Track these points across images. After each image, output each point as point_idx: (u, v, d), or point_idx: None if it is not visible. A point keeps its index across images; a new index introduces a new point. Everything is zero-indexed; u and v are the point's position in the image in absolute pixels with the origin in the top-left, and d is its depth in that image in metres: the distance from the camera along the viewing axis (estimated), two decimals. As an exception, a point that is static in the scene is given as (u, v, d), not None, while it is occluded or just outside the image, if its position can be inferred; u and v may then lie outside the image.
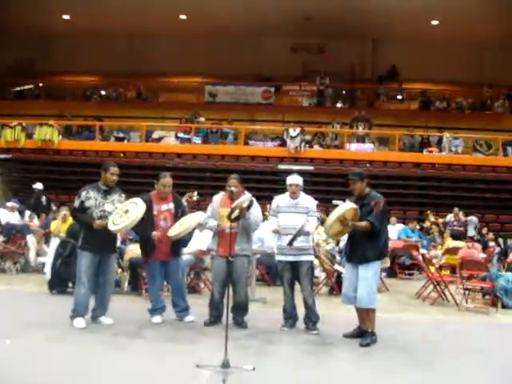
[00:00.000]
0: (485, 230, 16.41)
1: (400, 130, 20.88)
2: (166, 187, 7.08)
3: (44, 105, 23.52)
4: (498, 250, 14.71)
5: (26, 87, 24.84)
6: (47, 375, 4.83)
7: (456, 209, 16.46)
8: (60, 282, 9.15)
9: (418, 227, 15.51)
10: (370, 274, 6.39)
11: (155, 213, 6.98)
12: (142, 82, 24.49)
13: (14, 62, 23.91)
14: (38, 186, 16.74)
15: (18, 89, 24.72)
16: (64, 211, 10.86)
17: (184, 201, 9.73)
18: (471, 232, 16.26)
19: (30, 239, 11.98)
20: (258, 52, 23.14)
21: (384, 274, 11.45)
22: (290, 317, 7.05)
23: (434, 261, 11.07)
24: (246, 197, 6.55)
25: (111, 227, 6.57)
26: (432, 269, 10.23)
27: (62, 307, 7.14)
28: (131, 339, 6.24)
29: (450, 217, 16.55)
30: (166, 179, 7.09)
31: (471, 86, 23.12)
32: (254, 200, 6.67)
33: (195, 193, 10.84)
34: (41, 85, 24.91)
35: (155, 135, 21.11)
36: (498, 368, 5.71)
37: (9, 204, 14.61)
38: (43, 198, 16.48)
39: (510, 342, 7.08)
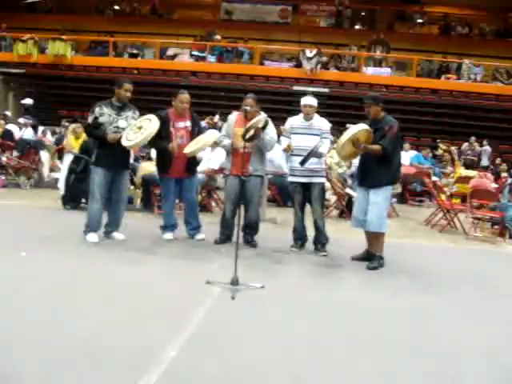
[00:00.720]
0: (498, 161, 16.32)
1: (419, 55, 20.46)
2: (184, 103, 7.02)
3: (56, 18, 23.12)
4: (510, 180, 14.64)
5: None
6: (60, 286, 4.95)
7: (473, 138, 16.32)
8: (73, 197, 9.26)
9: (430, 154, 15.44)
10: (380, 198, 6.40)
11: (172, 129, 6.95)
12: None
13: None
14: (28, 101, 16.66)
15: (30, 0, 24.23)
16: (74, 126, 10.87)
17: (205, 123, 9.72)
18: (485, 162, 16.18)
19: (44, 155, 12.05)
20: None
21: (394, 199, 11.49)
22: (299, 237, 7.13)
23: (446, 188, 11.05)
24: (262, 117, 6.49)
25: (124, 143, 6.57)
26: (443, 196, 10.23)
27: (76, 222, 7.25)
28: (143, 255, 6.34)
29: (464, 146, 16.44)
30: (184, 95, 7.03)
31: (495, 12, 22.36)
32: (270, 120, 6.61)
33: (216, 116, 10.71)
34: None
35: (170, 52, 20.87)
36: (500, 296, 5.79)
37: (21, 120, 14.63)
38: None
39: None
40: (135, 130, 6.60)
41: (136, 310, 4.47)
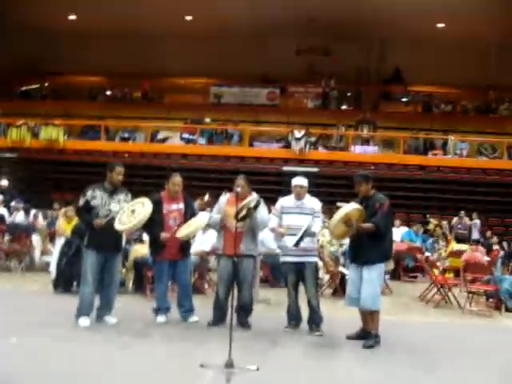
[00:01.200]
0: (489, 233, 16.42)
1: (405, 133, 20.90)
2: (177, 186, 7.12)
3: (50, 104, 23.61)
4: (502, 253, 14.71)
5: (32, 87, 24.91)
6: (51, 373, 4.85)
7: (462, 212, 16.48)
8: (65, 281, 9.19)
9: (421, 230, 15.52)
10: (374, 275, 6.40)
11: (165, 212, 7.02)
12: (148, 82, 24.53)
13: (19, 62, 23.98)
14: (3, 182, 16.81)
15: (24, 88, 24.80)
16: (65, 209, 10.92)
17: (197, 204, 9.79)
18: (475, 235, 16.27)
19: (35, 238, 12.03)
20: (263, 54, 23.15)
21: (388, 276, 11.47)
22: (293, 318, 7.07)
23: (438, 263, 11.07)
24: (254, 197, 6.58)
25: (118, 227, 6.60)
26: (436, 271, 10.23)
27: (67, 306, 7.15)
28: (136, 339, 6.26)
29: (455, 220, 16.57)
30: (177, 178, 7.15)
31: (476, 89, 23.04)
32: (262, 200, 6.68)
33: (206, 196, 10.83)
34: (46, 84, 24.97)
35: (160, 136, 21.20)
36: (500, 371, 5.72)
37: (13, 203, 14.68)
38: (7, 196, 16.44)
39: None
40: (128, 213, 6.64)
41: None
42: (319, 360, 5.81)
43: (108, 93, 25.18)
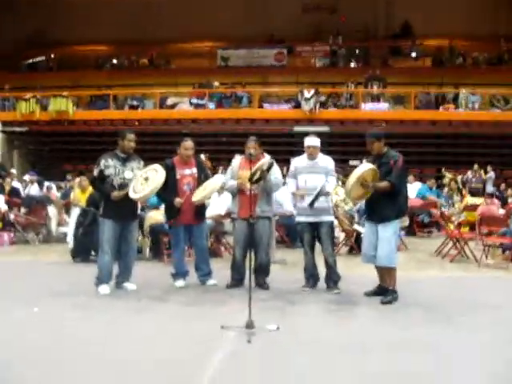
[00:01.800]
0: (503, 186, 16.32)
1: (415, 88, 20.66)
2: (189, 151, 7.12)
3: (56, 76, 23.54)
4: (517, 205, 14.63)
5: (38, 59, 24.80)
6: (74, 340, 4.93)
7: (476, 165, 16.36)
8: (82, 250, 9.29)
9: (435, 185, 15.44)
10: (389, 232, 6.39)
11: (178, 177, 7.02)
12: (154, 48, 24.36)
13: (24, 34, 23.90)
14: None
15: (30, 61, 24.70)
16: (79, 179, 10.97)
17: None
18: (490, 188, 16.19)
19: (51, 210, 12.12)
20: (269, 13, 22.90)
21: (403, 232, 11.48)
22: (311, 277, 7.10)
23: (453, 218, 11.05)
24: (266, 159, 6.56)
25: (132, 195, 6.62)
26: (451, 226, 10.22)
27: (86, 275, 7.24)
28: (156, 304, 6.32)
29: (469, 174, 16.48)
30: (188, 143, 7.15)
31: (487, 40, 22.64)
32: (274, 162, 6.67)
33: (202, 156, 10.79)
34: (52, 56, 24.86)
35: (169, 102, 21.09)
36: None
37: (27, 176, 14.78)
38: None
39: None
40: (142, 181, 6.65)
41: (153, 359, 4.44)
42: (338, 317, 5.85)
43: (114, 61, 25.02)
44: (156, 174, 6.69)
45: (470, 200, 13.56)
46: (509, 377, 4.20)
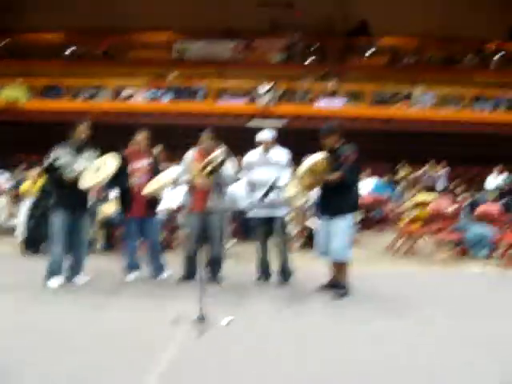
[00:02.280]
0: (454, 183, 16.64)
1: (370, 85, 20.89)
2: (142, 143, 7.05)
3: (7, 63, 22.94)
4: (467, 202, 14.93)
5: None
6: (23, 335, 4.84)
7: (429, 162, 16.64)
8: (33, 242, 9.11)
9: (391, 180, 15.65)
10: (342, 227, 6.45)
11: (131, 169, 6.96)
12: (110, 38, 24.01)
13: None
14: None
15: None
16: (34, 172, 10.75)
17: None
18: (442, 185, 16.50)
19: (1, 200, 11.85)
20: (225, 7, 22.80)
21: (356, 227, 11.57)
22: (263, 271, 7.13)
23: (405, 214, 11.21)
24: (220, 151, 6.53)
25: (83, 184, 6.53)
26: (402, 222, 10.37)
27: (37, 268, 7.11)
28: (107, 297, 6.27)
29: (422, 170, 16.76)
30: (142, 135, 7.09)
31: (441, 40, 23.05)
32: (229, 154, 6.65)
33: (157, 148, 10.70)
34: (5, 43, 24.25)
35: (124, 93, 20.84)
36: (468, 315, 5.87)
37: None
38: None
39: (477, 290, 7.27)
40: (93, 171, 6.57)
41: (102, 353, 4.39)
42: (290, 311, 5.88)
43: (69, 50, 24.55)
44: (107, 165, 6.60)
45: (421, 196, 13.77)
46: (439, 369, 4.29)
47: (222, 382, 3.89)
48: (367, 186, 14.55)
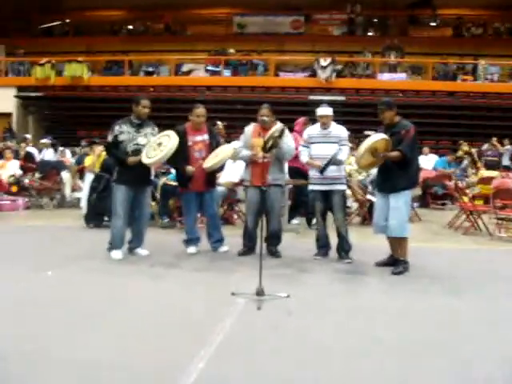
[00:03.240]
0: (520, 159, 16.14)
1: (433, 58, 20.39)
2: (200, 117, 7.09)
3: (72, 41, 23.49)
4: (533, 178, 14.48)
5: (54, 24, 24.69)
6: (88, 302, 4.99)
7: (494, 138, 16.18)
8: (96, 215, 9.34)
9: (454, 159, 15.27)
10: (400, 203, 6.36)
11: (190, 144, 7.01)
12: (170, 14, 24.14)
13: (40, -1, 23.76)
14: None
15: (46, 26, 24.59)
16: (97, 147, 10.99)
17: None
18: (506, 161, 16.02)
19: (65, 175, 12.19)
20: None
21: (416, 203, 11.42)
22: (322, 246, 7.12)
23: (467, 190, 10.97)
24: (278, 126, 6.50)
25: (145, 160, 6.63)
26: (465, 198, 10.15)
27: (99, 240, 7.32)
28: (167, 269, 6.37)
29: (485, 146, 16.30)
30: (200, 109, 7.12)
31: (508, 11, 22.18)
32: (286, 129, 6.62)
33: (219, 124, 10.74)
34: (68, 21, 24.74)
35: (185, 68, 21.00)
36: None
37: (43, 141, 14.84)
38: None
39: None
40: (155, 146, 6.66)
41: (163, 324, 4.48)
42: (348, 286, 5.86)
43: (130, 27, 24.86)
44: (169, 140, 6.67)
45: (485, 173, 13.45)
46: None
47: (279, 355, 3.91)
48: (430, 162, 14.30)
